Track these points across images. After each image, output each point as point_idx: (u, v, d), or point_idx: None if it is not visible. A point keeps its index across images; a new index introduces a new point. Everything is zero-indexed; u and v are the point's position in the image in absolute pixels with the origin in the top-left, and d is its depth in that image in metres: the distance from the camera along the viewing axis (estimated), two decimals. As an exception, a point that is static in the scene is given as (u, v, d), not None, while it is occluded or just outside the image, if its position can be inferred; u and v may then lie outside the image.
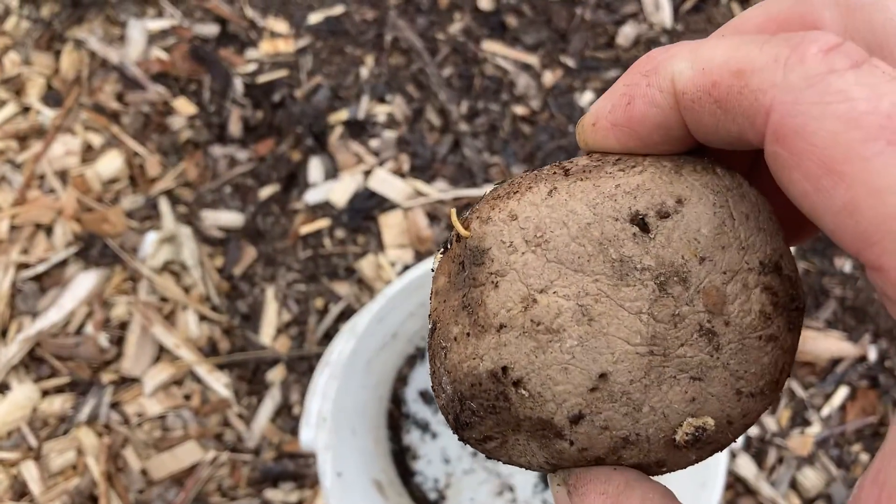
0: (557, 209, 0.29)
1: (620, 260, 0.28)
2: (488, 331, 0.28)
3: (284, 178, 1.24)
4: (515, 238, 0.28)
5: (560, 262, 0.28)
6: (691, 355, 0.29)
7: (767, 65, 0.25)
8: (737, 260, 0.29)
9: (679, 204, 0.29)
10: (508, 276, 0.28)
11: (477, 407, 0.29)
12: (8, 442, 1.10)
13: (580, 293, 0.28)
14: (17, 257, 1.18)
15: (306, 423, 0.89)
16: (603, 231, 0.28)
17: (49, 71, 1.29)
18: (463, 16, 1.31)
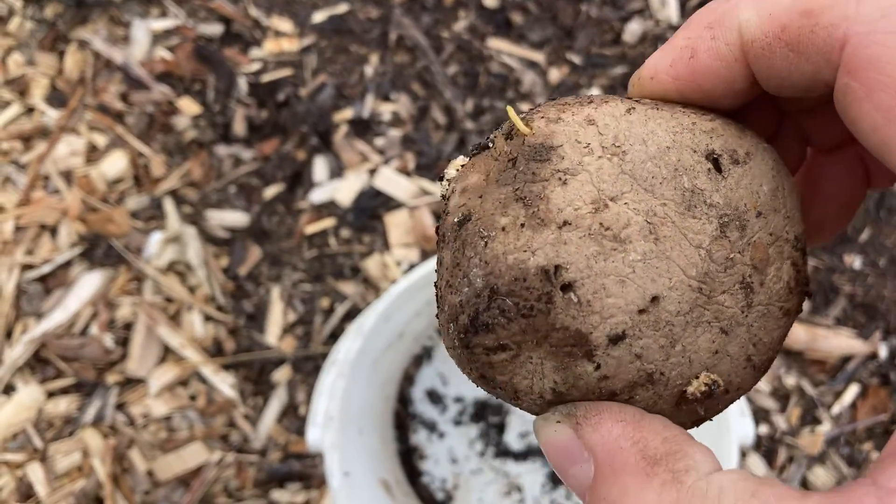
0: (637, 126, 0.28)
1: (692, 190, 0.28)
2: (548, 225, 0.26)
3: (289, 177, 1.23)
4: (592, 141, 0.28)
5: (634, 176, 0.27)
6: (728, 305, 0.29)
7: (836, 1, 0.24)
8: (781, 226, 0.29)
9: (748, 156, 0.29)
10: (580, 177, 0.27)
11: (510, 306, 0.26)
12: (14, 443, 1.10)
13: (649, 211, 0.27)
14: (22, 258, 1.17)
15: (313, 423, 0.89)
16: (680, 158, 0.28)
17: (53, 71, 1.29)
18: (468, 13, 1.30)
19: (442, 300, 0.29)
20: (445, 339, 0.29)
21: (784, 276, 0.30)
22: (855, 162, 0.34)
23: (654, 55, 0.31)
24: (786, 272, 0.30)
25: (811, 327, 1.12)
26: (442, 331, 0.29)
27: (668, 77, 0.30)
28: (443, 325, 0.29)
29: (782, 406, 1.12)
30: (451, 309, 0.28)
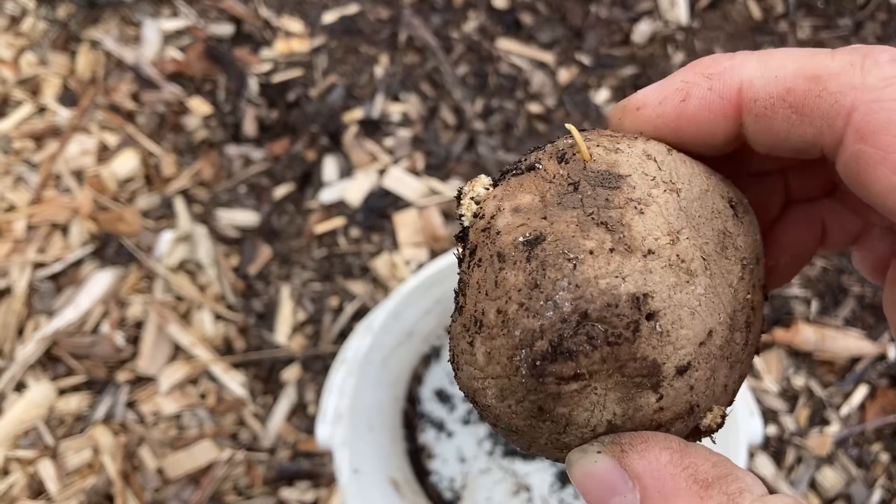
0: (682, 166, 0.30)
1: (724, 233, 0.29)
2: (634, 252, 0.26)
3: (299, 177, 1.24)
4: (656, 175, 0.28)
5: (687, 214, 0.28)
6: (738, 342, 0.30)
7: (844, 69, 0.26)
8: (761, 273, 0.31)
9: (747, 209, 0.31)
10: (652, 207, 0.27)
11: (599, 333, 0.26)
12: (25, 440, 1.10)
13: (702, 248, 0.28)
14: (34, 256, 1.18)
15: (322, 420, 0.89)
16: (714, 202, 0.29)
17: (65, 71, 1.30)
18: (477, 14, 1.30)
19: (506, 324, 0.27)
20: (496, 366, 0.27)
21: (761, 319, 0.31)
22: (816, 219, 0.36)
23: (647, 88, 0.31)
24: (762, 315, 0.31)
25: (820, 328, 1.12)
26: (485, 356, 0.28)
27: (654, 113, 0.30)
28: (495, 352, 0.27)
29: (791, 407, 1.12)
30: (524, 334, 0.26)
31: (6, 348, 1.14)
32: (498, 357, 0.27)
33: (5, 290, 1.17)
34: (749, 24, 1.27)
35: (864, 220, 0.35)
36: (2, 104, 1.27)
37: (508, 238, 0.27)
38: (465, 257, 0.29)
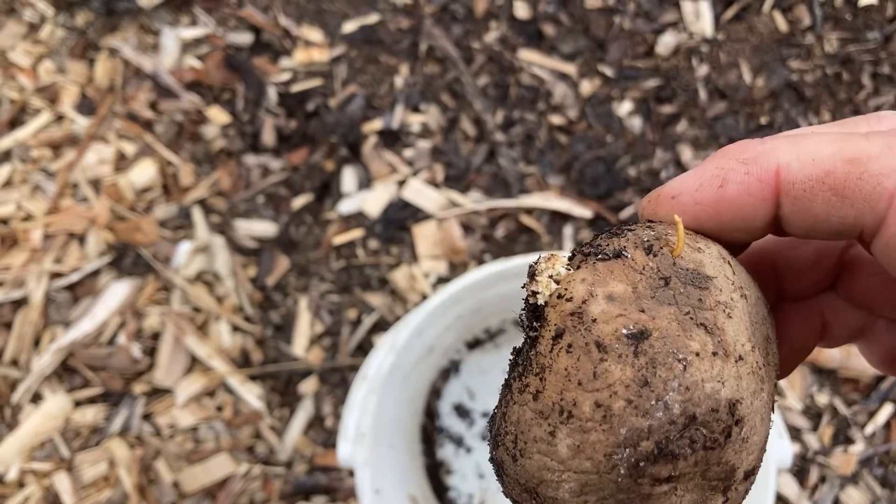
0: (743, 272, 0.31)
1: (768, 338, 0.30)
2: (730, 357, 0.26)
3: (318, 187, 1.23)
4: (733, 279, 0.29)
5: (751, 321, 0.29)
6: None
7: (883, 152, 0.26)
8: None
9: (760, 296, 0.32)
10: (736, 312, 0.28)
11: (700, 437, 0.26)
12: (41, 452, 1.09)
13: (764, 356, 0.29)
14: (50, 266, 1.17)
15: (344, 438, 0.88)
16: (761, 309, 0.30)
17: (83, 79, 1.29)
18: (499, 24, 1.29)
19: (608, 419, 0.26)
20: (579, 460, 0.26)
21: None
22: (815, 315, 0.36)
23: (681, 177, 0.31)
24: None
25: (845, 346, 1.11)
26: (572, 449, 0.26)
27: (691, 200, 0.30)
28: (592, 446, 0.26)
29: (814, 425, 1.10)
30: (630, 432, 0.25)
31: (22, 359, 1.13)
32: (591, 452, 0.26)
33: (22, 300, 1.16)
34: (775, 36, 1.25)
35: (869, 313, 0.35)
36: (20, 112, 1.27)
37: (609, 328, 0.26)
38: (545, 339, 0.28)
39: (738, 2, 1.27)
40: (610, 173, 1.20)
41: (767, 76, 1.24)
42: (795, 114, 1.22)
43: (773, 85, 1.23)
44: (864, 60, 1.23)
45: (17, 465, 1.08)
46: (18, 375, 1.13)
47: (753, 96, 1.23)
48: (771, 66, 1.24)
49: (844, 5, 1.26)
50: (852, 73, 1.23)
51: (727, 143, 0.81)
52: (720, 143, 1.21)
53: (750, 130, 1.22)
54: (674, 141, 1.22)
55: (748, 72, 1.24)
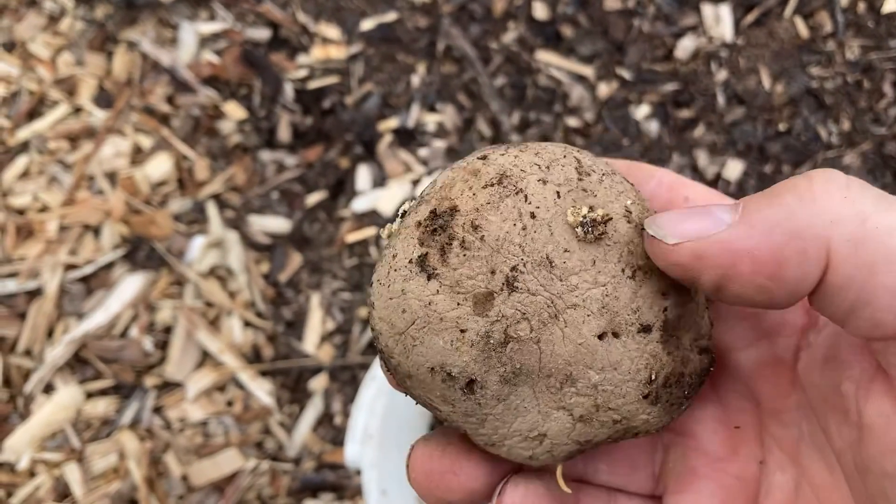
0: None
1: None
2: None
3: (332, 185, 1.23)
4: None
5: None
6: None
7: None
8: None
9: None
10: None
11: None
12: (52, 442, 1.10)
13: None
14: (65, 258, 1.18)
15: (352, 439, 0.88)
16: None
17: (101, 72, 1.30)
18: (517, 25, 1.28)
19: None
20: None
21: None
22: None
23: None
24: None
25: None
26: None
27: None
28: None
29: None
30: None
31: (36, 349, 1.14)
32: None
33: (36, 290, 1.17)
34: (795, 42, 1.24)
35: None
36: (38, 104, 1.27)
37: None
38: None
39: (759, 6, 1.26)
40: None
41: (787, 82, 1.22)
42: (815, 121, 1.21)
43: (792, 91, 1.22)
44: (885, 68, 1.22)
45: (29, 454, 1.09)
46: (31, 365, 1.13)
47: (772, 102, 1.22)
48: (791, 73, 1.23)
49: (867, 12, 1.24)
50: (873, 80, 1.22)
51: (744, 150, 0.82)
52: (737, 149, 1.20)
53: (768, 137, 1.20)
54: (690, 146, 1.21)
55: (767, 78, 1.23)
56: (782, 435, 0.37)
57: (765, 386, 0.38)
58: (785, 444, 0.37)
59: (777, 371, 0.37)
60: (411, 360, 0.33)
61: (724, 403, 0.39)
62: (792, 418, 0.36)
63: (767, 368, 0.37)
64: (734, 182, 1.18)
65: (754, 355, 0.38)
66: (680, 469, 0.39)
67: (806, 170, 1.18)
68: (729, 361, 0.39)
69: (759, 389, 0.38)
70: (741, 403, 0.39)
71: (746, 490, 0.37)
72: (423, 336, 0.33)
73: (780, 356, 0.37)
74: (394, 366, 0.35)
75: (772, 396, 0.37)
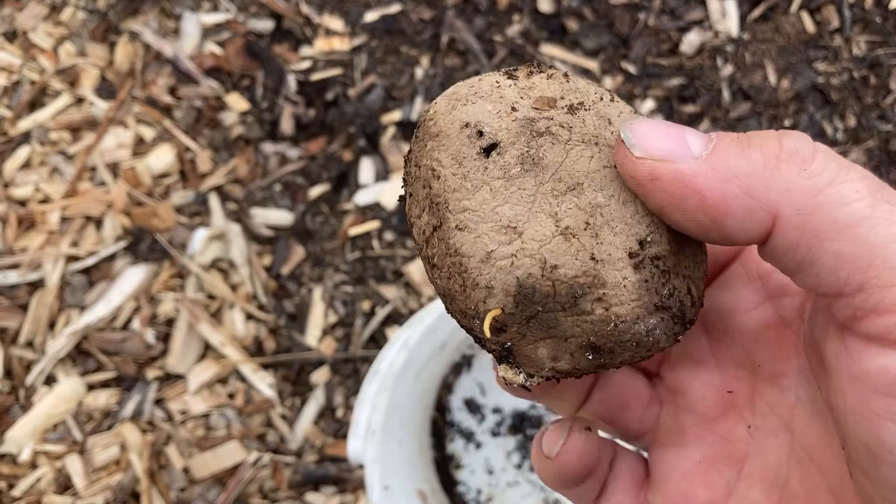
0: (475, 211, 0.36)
1: (519, 161, 0.35)
2: (607, 262, 0.33)
3: (335, 177, 1.22)
4: (505, 251, 0.34)
5: (528, 212, 0.35)
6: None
7: None
8: (510, 94, 0.37)
9: (468, 124, 0.36)
10: (549, 258, 0.34)
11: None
12: (54, 434, 1.10)
13: (553, 192, 0.35)
14: (67, 249, 1.18)
15: (354, 434, 0.88)
16: (493, 175, 0.35)
17: (103, 62, 1.29)
18: (522, 17, 1.28)
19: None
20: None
21: (556, 74, 0.38)
22: None
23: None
24: (552, 77, 0.38)
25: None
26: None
27: None
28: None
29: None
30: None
31: (37, 341, 1.14)
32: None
33: (38, 282, 1.16)
34: (802, 37, 1.24)
35: None
36: (40, 94, 1.27)
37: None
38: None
39: (765, 1, 1.25)
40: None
41: (793, 78, 1.22)
42: (820, 117, 1.20)
43: (798, 87, 1.21)
44: (892, 64, 1.21)
45: (31, 446, 1.09)
46: (33, 357, 1.13)
47: (778, 98, 1.21)
48: (797, 68, 1.22)
49: (874, 7, 1.23)
50: (880, 77, 1.21)
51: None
52: (742, 145, 1.19)
53: (773, 132, 1.20)
54: (695, 141, 1.20)
55: (773, 73, 1.23)
56: (779, 400, 0.38)
57: (766, 349, 0.38)
58: (780, 409, 0.37)
59: (780, 334, 0.38)
60: (452, 115, 0.35)
61: (721, 369, 0.40)
62: (789, 383, 0.37)
63: (770, 331, 0.38)
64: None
65: (758, 317, 0.39)
66: (670, 425, 0.40)
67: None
68: (731, 325, 0.40)
69: (760, 353, 0.39)
70: (737, 370, 0.39)
71: (732, 451, 0.38)
72: (475, 100, 0.35)
73: (784, 318, 0.38)
74: (426, 131, 0.37)
75: (772, 360, 0.38)
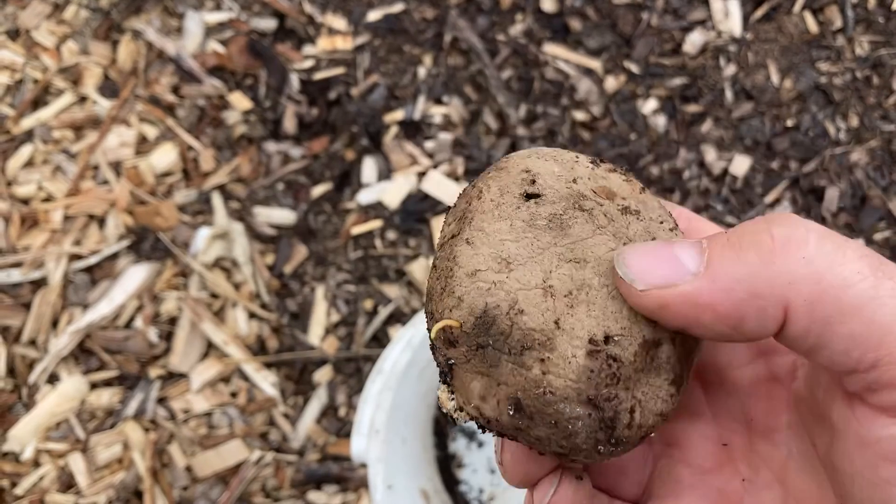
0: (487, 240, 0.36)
1: (548, 220, 0.36)
2: (554, 337, 0.32)
3: (338, 176, 1.22)
4: (490, 278, 0.34)
5: (529, 258, 0.35)
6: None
7: None
8: (583, 171, 0.39)
9: (528, 172, 0.38)
10: (520, 298, 0.34)
11: (606, 391, 0.33)
12: (56, 433, 1.10)
13: (560, 256, 0.35)
14: (70, 248, 1.18)
15: (358, 432, 0.88)
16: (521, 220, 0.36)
17: (106, 61, 1.29)
18: (525, 17, 1.28)
19: (573, 450, 0.33)
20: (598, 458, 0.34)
21: (620, 183, 0.38)
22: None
23: None
24: (617, 180, 0.39)
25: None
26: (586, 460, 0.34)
27: None
28: (589, 457, 0.34)
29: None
30: (587, 443, 0.33)
31: (40, 339, 1.14)
32: (593, 455, 0.34)
33: (41, 280, 1.17)
34: (804, 37, 1.24)
35: None
36: (43, 92, 1.27)
37: (505, 419, 0.33)
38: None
39: (768, 1, 1.25)
40: (632, 171, 1.19)
41: (795, 78, 1.22)
42: (823, 117, 1.20)
43: (800, 87, 1.21)
44: (895, 64, 1.21)
45: (33, 444, 1.09)
46: (36, 356, 1.13)
47: (780, 98, 1.21)
48: (799, 68, 1.22)
49: (877, 8, 1.24)
50: (882, 77, 1.21)
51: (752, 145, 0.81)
52: (745, 145, 1.19)
53: (775, 133, 1.20)
54: (698, 141, 1.21)
55: (776, 73, 1.23)
56: (771, 454, 0.38)
57: (759, 404, 0.39)
58: (773, 463, 0.38)
59: (772, 389, 0.39)
60: (522, 161, 0.38)
61: (717, 420, 0.41)
62: (782, 438, 0.38)
63: (762, 387, 0.39)
64: (741, 178, 1.18)
65: (750, 373, 0.40)
66: (666, 478, 0.40)
67: (813, 166, 1.18)
68: (727, 379, 0.41)
69: (754, 408, 0.39)
70: (732, 423, 0.40)
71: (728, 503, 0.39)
72: (550, 160, 0.38)
73: (776, 374, 0.39)
74: (496, 164, 0.39)
75: (765, 414, 0.39)
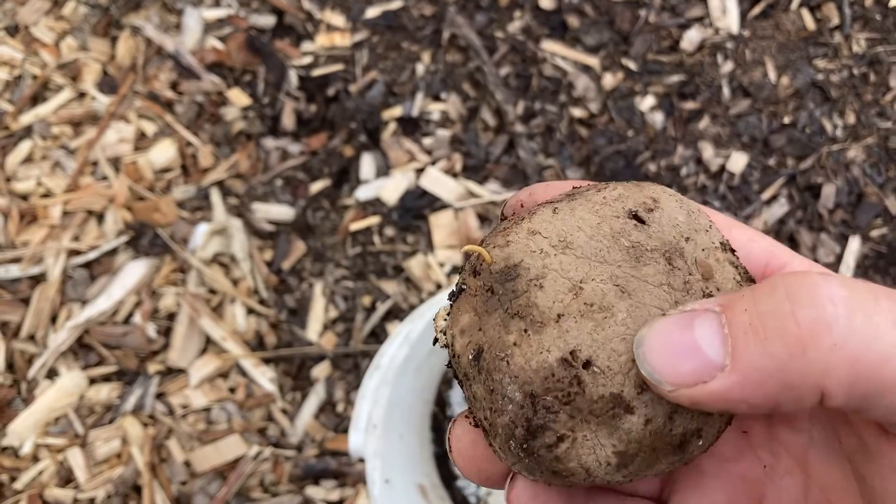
0: (568, 219, 0.34)
1: (632, 245, 0.33)
2: (548, 324, 0.31)
3: (336, 173, 1.23)
4: (543, 246, 0.33)
5: (587, 256, 0.33)
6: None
7: None
8: (706, 240, 0.35)
9: (655, 202, 0.35)
10: (549, 276, 0.32)
11: (551, 401, 0.30)
12: (55, 428, 1.11)
13: (612, 276, 0.32)
14: (69, 243, 1.18)
15: (355, 427, 0.88)
16: (611, 227, 0.33)
17: (105, 57, 1.29)
18: (523, 14, 1.28)
19: (492, 426, 0.32)
20: (508, 457, 0.32)
21: (729, 275, 0.34)
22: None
23: None
24: (728, 271, 0.35)
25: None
26: (502, 454, 0.32)
27: None
28: (501, 448, 0.32)
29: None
30: (504, 429, 0.31)
31: (39, 335, 1.14)
32: (503, 452, 0.32)
33: (40, 276, 1.17)
34: (802, 34, 1.24)
35: None
36: (42, 88, 1.27)
37: (464, 360, 0.33)
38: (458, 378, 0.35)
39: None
40: (630, 168, 1.19)
41: (793, 75, 1.22)
42: (820, 114, 1.21)
43: (798, 84, 1.22)
44: (892, 62, 1.21)
45: (32, 439, 1.09)
46: (35, 351, 1.14)
47: (777, 95, 1.22)
48: (797, 65, 1.23)
49: (874, 5, 1.24)
50: (879, 74, 1.22)
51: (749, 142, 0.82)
52: (742, 142, 1.20)
53: (773, 129, 1.20)
54: (695, 138, 1.21)
55: (773, 70, 1.23)
56: (792, 440, 0.38)
57: None
58: (794, 449, 0.38)
59: None
60: (636, 190, 0.37)
61: None
62: (803, 424, 0.37)
63: None
64: (738, 175, 1.18)
65: None
66: (686, 468, 0.40)
67: (810, 163, 1.18)
68: None
69: None
70: None
71: (751, 491, 0.38)
72: (674, 203, 0.37)
73: None
74: (595, 183, 0.38)
75: None
